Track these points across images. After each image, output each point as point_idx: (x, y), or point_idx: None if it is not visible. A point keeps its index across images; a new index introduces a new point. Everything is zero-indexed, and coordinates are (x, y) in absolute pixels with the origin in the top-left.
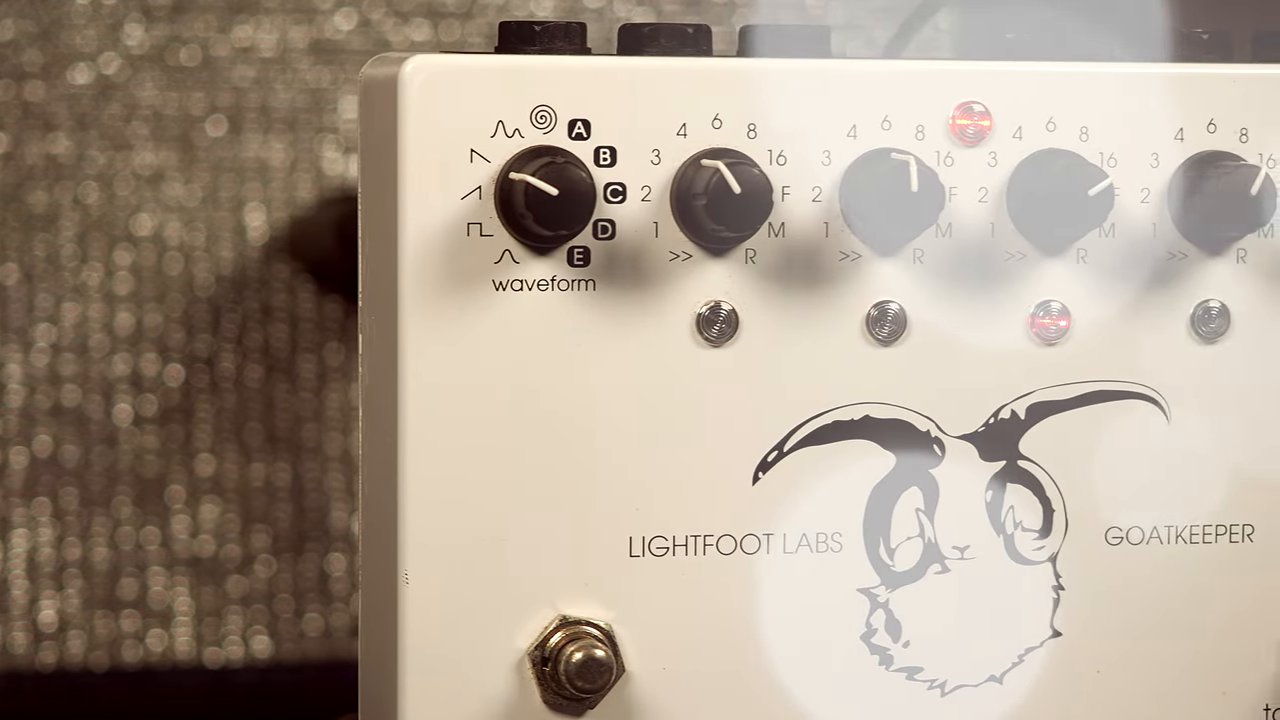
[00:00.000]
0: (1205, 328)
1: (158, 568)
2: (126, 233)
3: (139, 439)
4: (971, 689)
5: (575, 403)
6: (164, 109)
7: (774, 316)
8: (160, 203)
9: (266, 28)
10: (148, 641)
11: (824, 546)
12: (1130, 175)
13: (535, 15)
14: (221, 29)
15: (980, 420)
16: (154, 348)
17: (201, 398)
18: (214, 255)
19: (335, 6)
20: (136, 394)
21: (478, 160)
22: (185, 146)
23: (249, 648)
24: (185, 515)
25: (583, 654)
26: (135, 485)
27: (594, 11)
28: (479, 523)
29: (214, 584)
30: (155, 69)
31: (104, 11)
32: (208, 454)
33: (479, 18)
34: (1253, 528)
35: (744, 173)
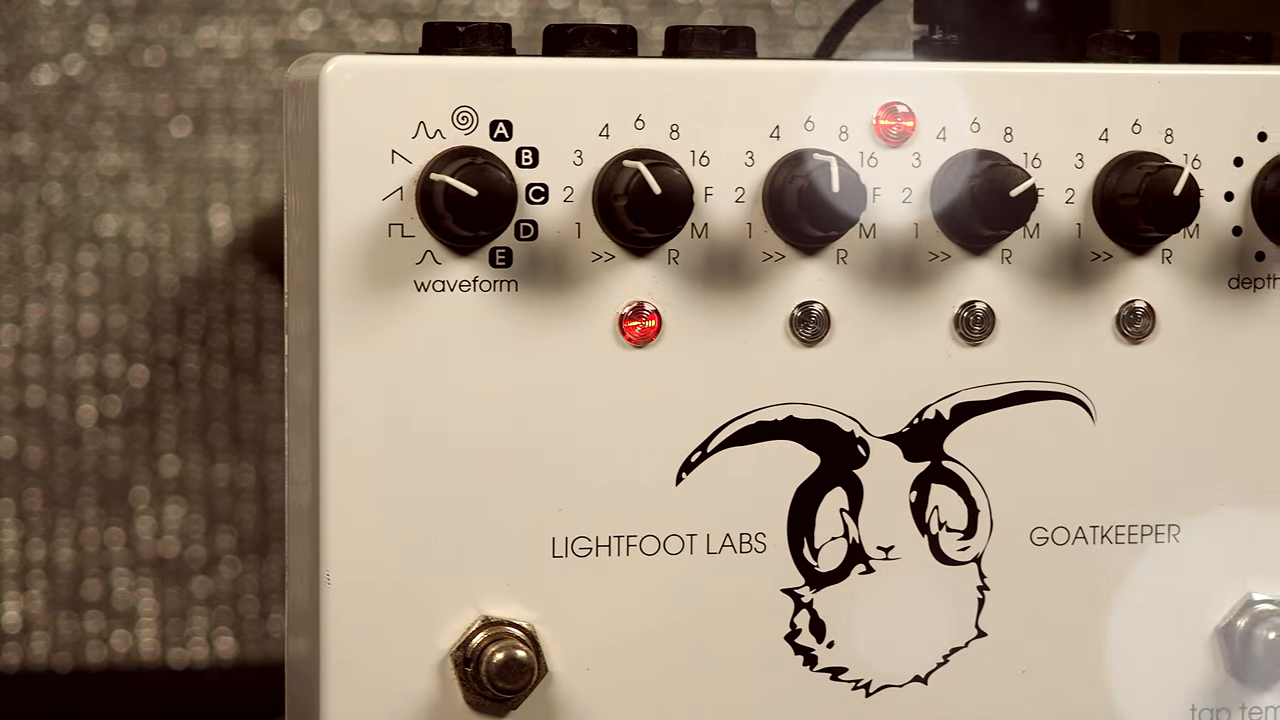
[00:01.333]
0: (1130, 328)
1: (122, 568)
2: (91, 233)
3: (103, 440)
4: (896, 689)
5: (498, 403)
6: (128, 110)
7: (697, 317)
8: (125, 203)
9: (231, 29)
10: (112, 642)
11: (747, 547)
12: (1055, 176)
13: (500, 17)
14: (186, 30)
15: (905, 421)
16: (118, 348)
17: (166, 398)
18: (178, 256)
19: (300, 7)
20: (101, 395)
21: (399, 161)
22: (150, 147)
23: (214, 648)
24: (150, 516)
25: (504, 654)
26: (100, 486)
27: (559, 13)
28: (401, 523)
29: (178, 585)
30: (119, 70)
31: (68, 12)
32: (172, 455)
33: (444, 18)
34: (1178, 528)
35: (665, 174)
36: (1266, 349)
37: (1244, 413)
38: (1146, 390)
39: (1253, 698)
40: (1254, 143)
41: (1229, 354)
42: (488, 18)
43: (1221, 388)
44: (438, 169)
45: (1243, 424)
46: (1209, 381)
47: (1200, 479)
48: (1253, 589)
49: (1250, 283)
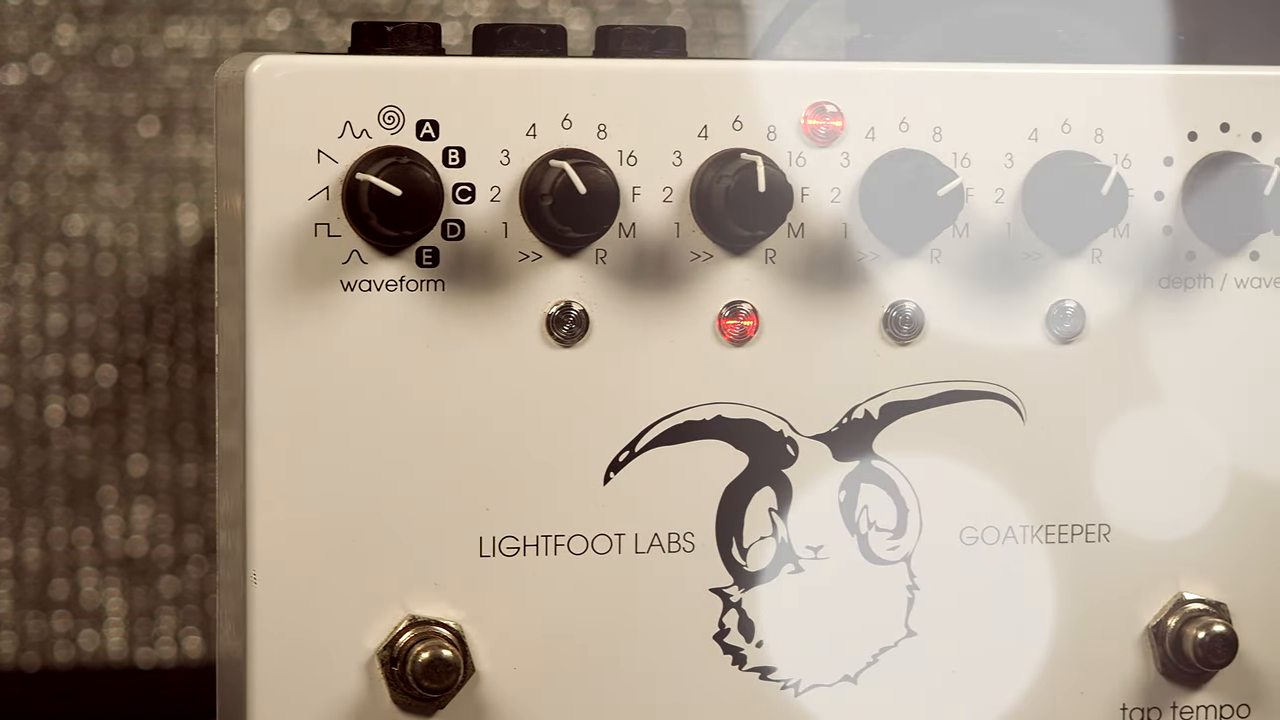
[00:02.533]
0: (1060, 327)
1: (90, 568)
2: (58, 233)
3: (71, 439)
4: (826, 689)
5: (425, 403)
6: (96, 109)
7: (625, 317)
8: (92, 203)
9: (199, 28)
10: (80, 641)
11: (676, 546)
12: (984, 175)
13: (470, 17)
14: (154, 30)
15: (834, 420)
16: (86, 348)
17: (134, 398)
18: (146, 256)
19: (268, 7)
20: (68, 394)
21: (325, 161)
22: (117, 147)
23: (181, 648)
24: (117, 515)
25: (430, 654)
26: (67, 485)
27: (528, 13)
28: (328, 523)
29: (146, 584)
30: (87, 69)
31: (35, 12)
32: (140, 454)
33: (413, 18)
34: (1108, 527)
35: (590, 173)
36: (1197, 348)
37: (1173, 411)
38: (1076, 389)
39: (1183, 697)
40: (1184, 142)
41: (1159, 353)
42: (456, 17)
43: (1151, 386)
44: (363, 169)
45: (1172, 423)
46: (1139, 381)
47: (1130, 478)
48: (1184, 588)
49: (1181, 282)
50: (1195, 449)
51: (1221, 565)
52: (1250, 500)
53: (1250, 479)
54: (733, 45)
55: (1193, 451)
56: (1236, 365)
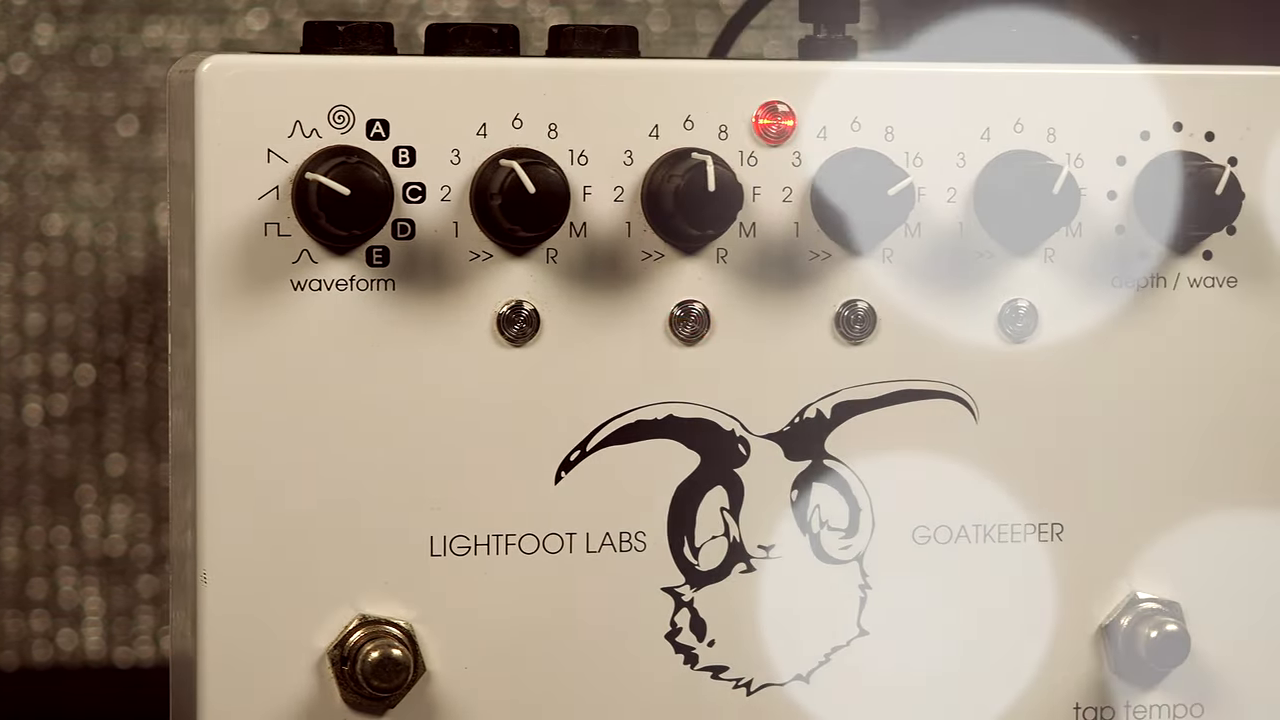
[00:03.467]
0: (1013, 327)
1: (68, 567)
2: (37, 233)
3: (49, 439)
4: (778, 688)
5: (375, 402)
6: (74, 109)
7: (576, 316)
8: (71, 203)
9: (178, 28)
10: (58, 641)
11: (627, 546)
12: (936, 174)
13: (449, 16)
14: (132, 29)
15: (786, 420)
16: (64, 347)
17: (112, 397)
18: (125, 255)
19: (247, 7)
20: (47, 394)
21: (275, 160)
22: (96, 146)
23: (159, 647)
24: (96, 515)
25: (379, 653)
26: (45, 485)
27: (507, 12)
28: (278, 522)
29: (124, 583)
30: (66, 69)
31: (14, 11)
32: (119, 454)
33: (392, 18)
34: (1061, 526)
35: (540, 172)
36: (1148, 347)
37: (1127, 411)
38: (1029, 389)
39: (1136, 696)
40: (1137, 141)
41: (1111, 352)
42: (435, 17)
43: (1103, 385)
44: (312, 168)
45: (1126, 422)
46: (1091, 380)
47: (1083, 477)
48: (1137, 587)
49: (1133, 281)
50: (1148, 448)
51: (1175, 564)
52: (1200, 498)
53: (1200, 477)
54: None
55: (1145, 450)
56: (1189, 364)
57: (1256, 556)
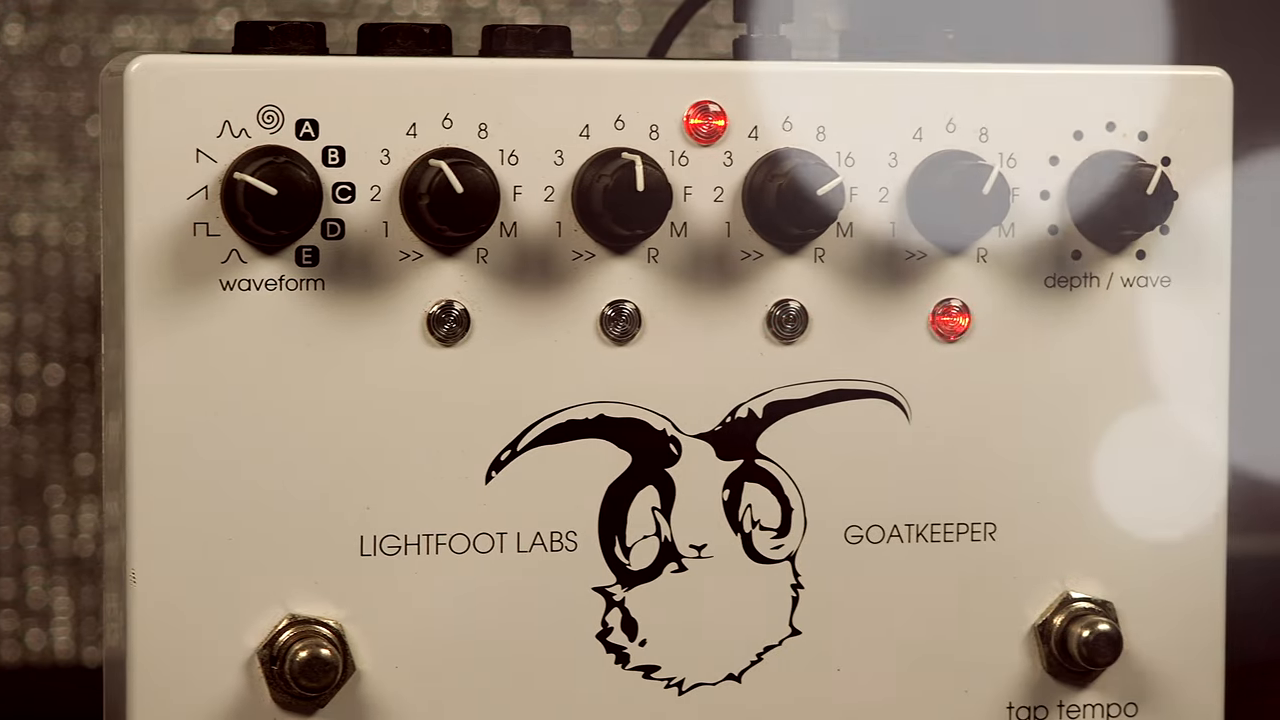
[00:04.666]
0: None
1: (36, 567)
2: (5, 232)
3: (18, 438)
4: (709, 688)
5: (305, 402)
6: (43, 109)
7: (507, 316)
8: (40, 202)
9: (147, 28)
10: (26, 640)
11: (558, 545)
12: (868, 174)
13: (419, 16)
14: (102, 29)
15: (717, 419)
16: (33, 347)
17: (81, 397)
18: (94, 255)
19: (217, 7)
20: (15, 393)
21: (204, 160)
22: (65, 146)
23: None
24: (64, 515)
25: (307, 653)
26: (14, 484)
27: (477, 11)
28: (208, 522)
29: (93, 583)
30: (35, 68)
31: None
32: (87, 454)
33: (361, 17)
34: (994, 526)
35: (468, 172)
36: (1082, 347)
37: (1060, 410)
38: (962, 388)
39: (1070, 696)
40: (1070, 141)
41: (1044, 352)
42: (405, 17)
43: (1037, 385)
44: (241, 168)
45: (1059, 422)
46: (1025, 379)
47: (1016, 477)
48: (1070, 587)
49: (1067, 281)
50: (1081, 447)
51: (1108, 563)
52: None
53: (1133, 476)
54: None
55: (1078, 450)
56: (1122, 364)
57: (1189, 555)
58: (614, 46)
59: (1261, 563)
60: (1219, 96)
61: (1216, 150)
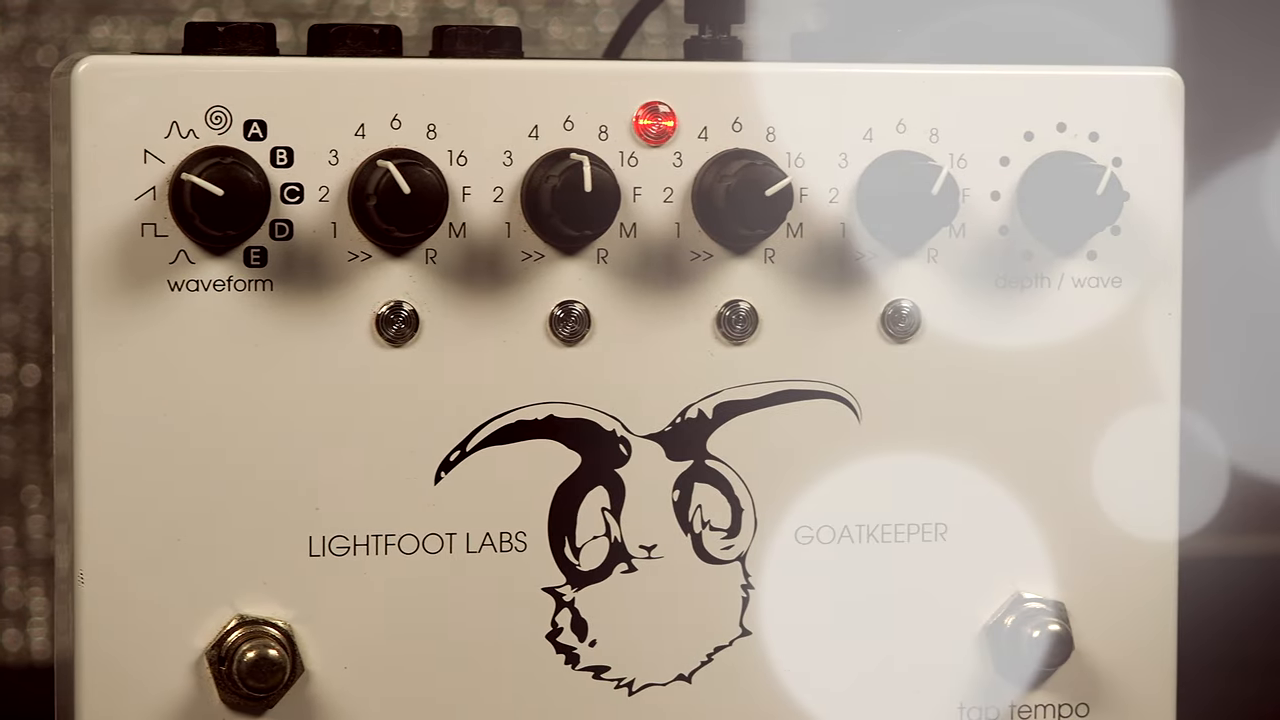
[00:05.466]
0: (896, 327)
1: (13, 567)
2: None
3: None
4: (660, 688)
5: (253, 403)
6: (20, 109)
7: (456, 316)
8: (16, 203)
9: (124, 28)
10: (3, 641)
11: (508, 546)
12: (818, 175)
13: (396, 17)
14: (78, 30)
15: (667, 420)
16: (10, 348)
17: None
18: None
19: (193, 7)
20: None
21: (152, 161)
22: (41, 147)
23: None
24: (41, 515)
25: (255, 653)
26: None
27: (455, 13)
28: (156, 522)
29: None
30: (11, 69)
31: None
32: None
33: (339, 18)
34: (945, 526)
35: (415, 173)
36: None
37: (1010, 410)
38: (912, 389)
39: (1021, 696)
40: (1021, 142)
41: (995, 352)
42: (383, 18)
43: (987, 385)
44: (188, 169)
45: (1010, 422)
46: (974, 380)
47: (967, 477)
48: (1021, 587)
49: (1017, 281)
50: (1032, 447)
51: (1060, 564)
52: (1085, 498)
53: (1085, 477)
54: (660, 45)
55: (1029, 450)
56: (1073, 364)
57: (1140, 555)
58: (591, 47)
59: (1262, 563)
60: (1170, 97)
61: (1168, 151)
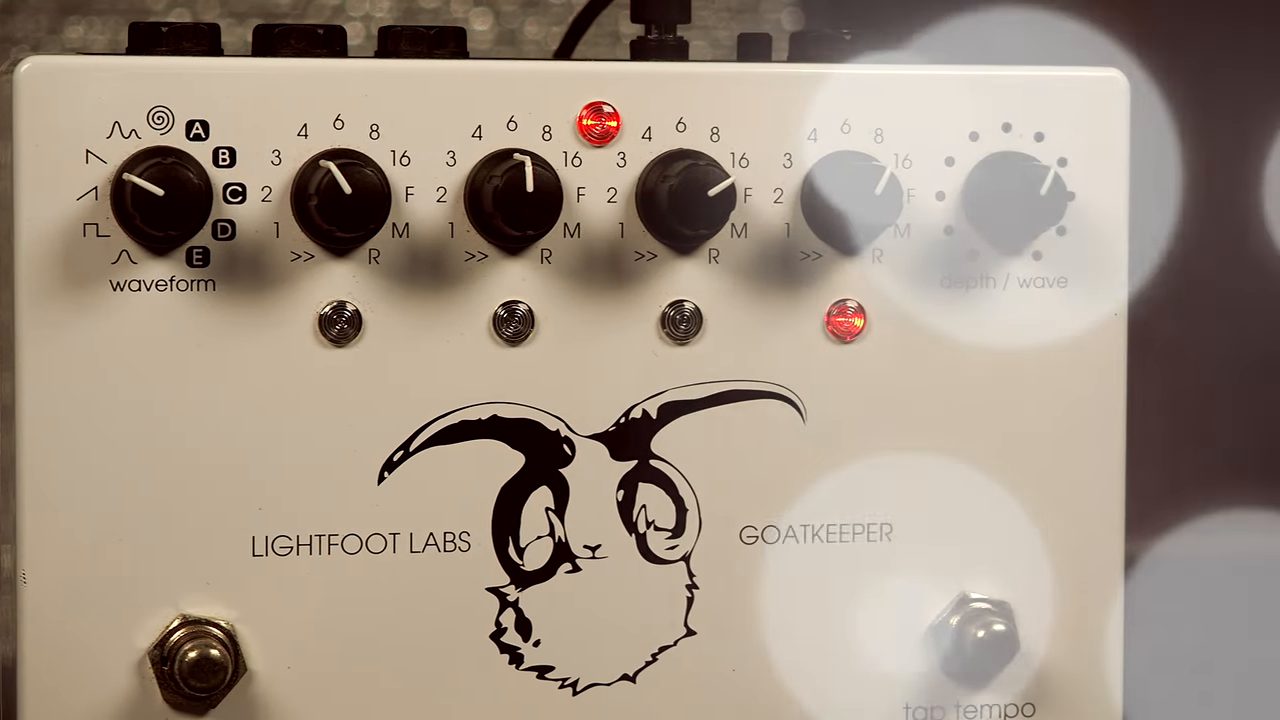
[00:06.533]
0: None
1: None
2: None
3: None
4: (604, 688)
5: (196, 403)
6: None
7: (399, 316)
8: None
9: (99, 28)
10: None
11: (451, 546)
12: (762, 175)
13: (372, 17)
14: (53, 30)
15: (611, 420)
16: None
17: None
18: None
19: (168, 8)
20: None
21: (94, 161)
22: None
23: None
24: None
25: (197, 653)
26: None
27: (429, 13)
28: (98, 522)
29: None
30: None
31: None
32: None
33: (314, 18)
34: (890, 526)
35: (356, 173)
36: (979, 347)
37: (955, 410)
38: (857, 389)
39: (966, 696)
40: (966, 142)
41: (940, 352)
42: (358, 18)
43: (932, 385)
44: (129, 169)
45: (955, 421)
46: (919, 379)
47: (912, 477)
48: (967, 587)
49: (962, 282)
50: (977, 448)
51: (1005, 564)
52: (1031, 498)
53: (1030, 477)
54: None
55: (974, 450)
56: (1018, 364)
57: (1086, 555)
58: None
59: None
60: (1116, 98)
61: (1113, 151)
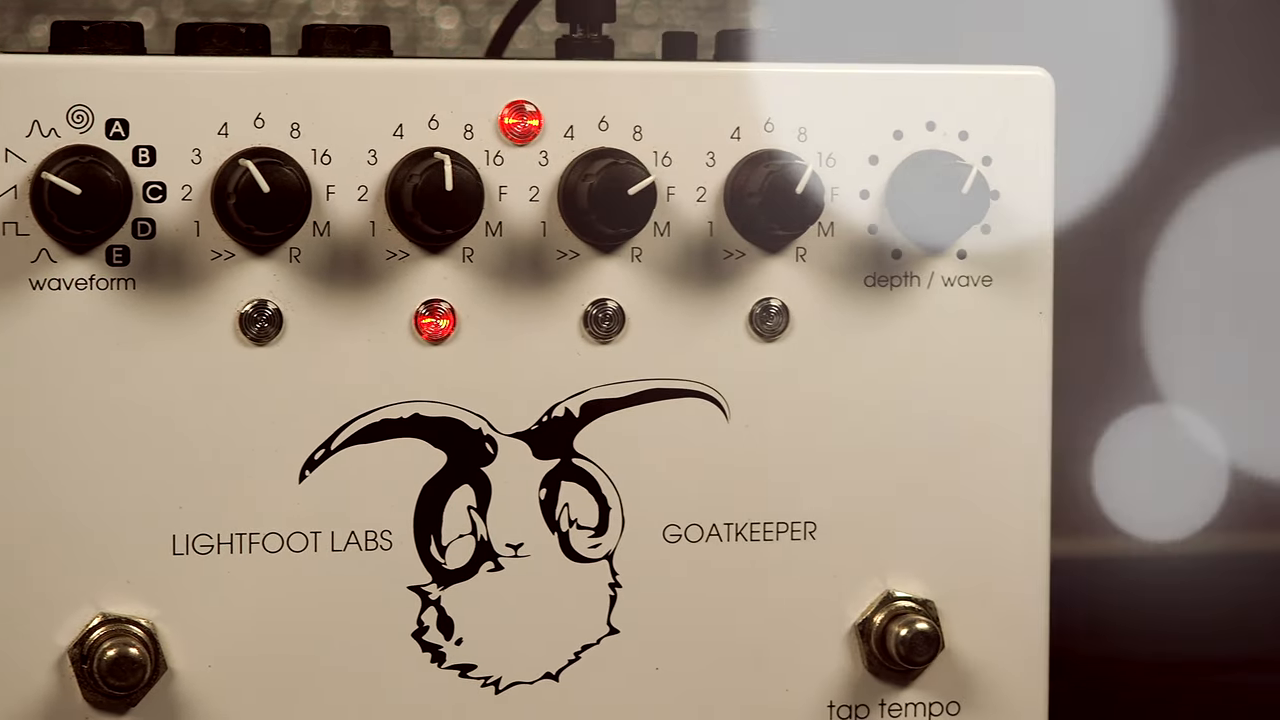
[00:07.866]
0: (764, 326)
1: None
2: None
3: None
4: (527, 686)
5: (116, 402)
6: None
7: (320, 315)
8: None
9: None
10: None
11: (373, 544)
12: (686, 174)
13: (338, 15)
14: (18, 29)
15: (533, 419)
16: None
17: None
18: None
19: (134, 7)
20: None
21: (13, 160)
22: None
23: None
24: None
25: (116, 651)
26: None
27: (396, 12)
28: (18, 521)
29: None
30: None
31: None
32: None
33: (280, 17)
34: (814, 525)
35: (274, 171)
36: (902, 346)
37: (880, 409)
38: (781, 388)
39: (891, 694)
40: (890, 140)
41: (864, 351)
42: (324, 17)
43: (857, 384)
44: (48, 167)
45: (880, 420)
46: (844, 378)
47: (837, 476)
48: (891, 586)
49: (886, 280)
50: (901, 446)
51: (929, 562)
52: (956, 497)
53: (956, 476)
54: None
55: (899, 449)
56: (943, 363)
57: (1010, 553)
58: (533, 46)
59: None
60: (1040, 96)
61: (1038, 150)
